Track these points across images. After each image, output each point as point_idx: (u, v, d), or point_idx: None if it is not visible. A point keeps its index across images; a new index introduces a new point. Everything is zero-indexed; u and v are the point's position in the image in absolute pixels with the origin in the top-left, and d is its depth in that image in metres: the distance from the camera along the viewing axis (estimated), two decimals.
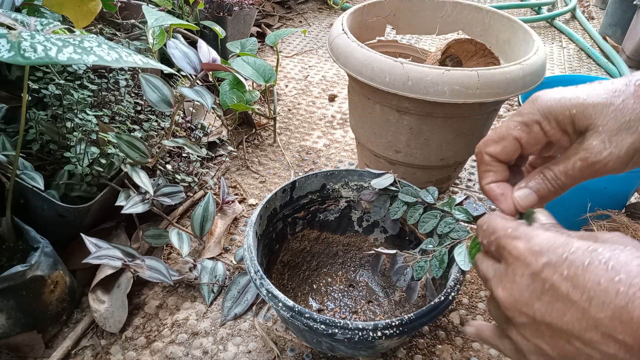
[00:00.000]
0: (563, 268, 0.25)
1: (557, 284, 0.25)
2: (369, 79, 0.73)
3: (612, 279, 0.24)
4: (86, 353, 0.65)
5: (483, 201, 0.97)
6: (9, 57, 0.42)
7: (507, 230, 0.30)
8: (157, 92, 0.69)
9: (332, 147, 1.12)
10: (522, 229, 0.29)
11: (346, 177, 0.74)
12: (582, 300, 0.24)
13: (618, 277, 0.24)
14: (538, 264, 0.27)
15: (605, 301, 0.24)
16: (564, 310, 0.25)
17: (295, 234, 0.77)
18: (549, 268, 0.26)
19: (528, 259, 0.27)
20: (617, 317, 0.23)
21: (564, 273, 0.25)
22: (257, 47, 1.13)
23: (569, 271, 0.25)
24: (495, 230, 0.31)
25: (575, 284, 0.25)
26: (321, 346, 0.60)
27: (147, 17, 0.76)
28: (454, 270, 0.58)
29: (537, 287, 0.27)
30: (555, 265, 0.26)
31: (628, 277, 0.23)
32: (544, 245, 0.27)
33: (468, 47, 0.90)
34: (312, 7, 2.03)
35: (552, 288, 0.26)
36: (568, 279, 0.25)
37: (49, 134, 0.74)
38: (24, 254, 0.65)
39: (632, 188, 0.79)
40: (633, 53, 1.56)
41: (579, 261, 0.25)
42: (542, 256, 0.27)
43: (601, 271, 0.24)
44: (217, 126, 1.08)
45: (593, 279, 0.24)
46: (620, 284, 0.23)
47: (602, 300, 0.24)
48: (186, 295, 0.74)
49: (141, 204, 0.71)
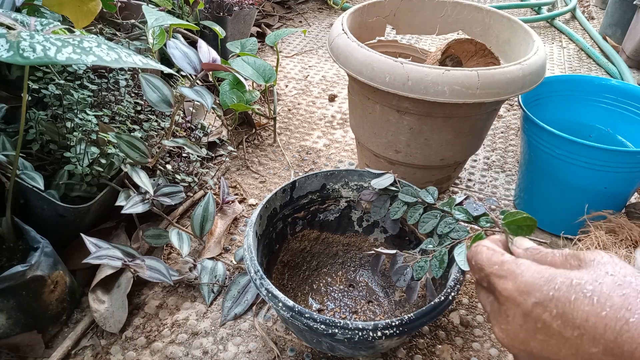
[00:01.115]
0: (552, 306, 0.26)
1: (549, 323, 0.26)
2: (369, 79, 0.73)
3: (599, 314, 0.24)
4: (86, 353, 0.65)
5: (483, 201, 0.97)
6: (8, 56, 0.42)
7: (493, 268, 0.30)
8: (157, 92, 0.69)
9: (332, 147, 1.12)
10: (507, 265, 0.30)
11: (346, 177, 0.74)
12: (574, 337, 0.25)
13: (604, 312, 0.24)
14: (527, 304, 0.27)
15: (595, 337, 0.24)
16: (559, 346, 0.26)
17: (295, 234, 0.77)
18: (538, 307, 0.27)
19: (517, 300, 0.28)
20: (609, 352, 0.24)
21: (553, 312, 0.26)
22: (257, 47, 1.13)
23: (557, 309, 0.26)
24: (482, 267, 0.31)
25: (565, 322, 0.25)
26: (321, 346, 0.60)
27: (147, 17, 0.76)
28: (454, 270, 0.58)
29: (530, 327, 0.27)
30: (544, 304, 0.26)
31: (613, 310, 0.24)
32: (529, 284, 0.27)
33: (468, 47, 0.90)
34: (312, 7, 2.03)
35: (544, 327, 0.26)
36: (558, 317, 0.26)
37: (49, 134, 0.74)
38: (24, 254, 0.65)
39: (632, 188, 0.79)
40: (633, 53, 1.56)
41: (564, 298, 0.26)
42: (530, 296, 0.27)
43: (587, 307, 0.25)
44: (217, 126, 1.08)
45: (581, 315, 0.25)
46: (607, 318, 0.24)
47: (592, 336, 0.24)
48: (186, 295, 0.74)
49: (141, 204, 0.71)
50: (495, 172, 1.06)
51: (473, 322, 0.72)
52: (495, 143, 1.17)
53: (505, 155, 1.12)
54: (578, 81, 0.92)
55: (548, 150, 0.78)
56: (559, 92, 0.93)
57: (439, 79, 0.69)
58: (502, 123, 1.25)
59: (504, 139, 1.19)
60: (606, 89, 0.90)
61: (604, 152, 0.72)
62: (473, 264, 0.32)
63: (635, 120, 0.88)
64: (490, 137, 1.19)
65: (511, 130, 1.22)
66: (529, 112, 0.80)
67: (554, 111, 0.93)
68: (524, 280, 0.28)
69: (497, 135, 1.20)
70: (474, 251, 0.33)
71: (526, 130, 0.83)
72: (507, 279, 0.29)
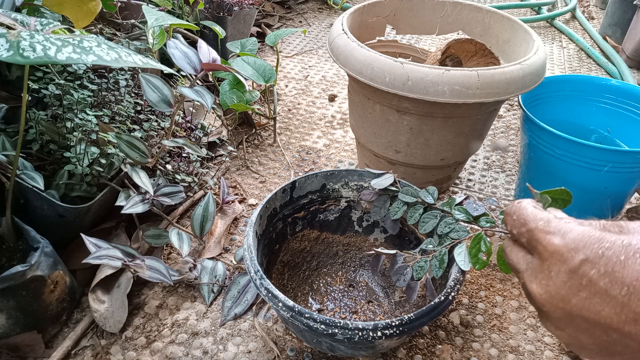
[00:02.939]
0: (600, 264, 0.26)
1: (595, 280, 0.26)
2: (369, 79, 0.73)
3: None
4: (86, 353, 0.65)
5: (483, 201, 0.97)
6: (8, 56, 0.42)
7: (538, 224, 0.30)
8: (157, 92, 0.69)
9: (332, 147, 1.12)
10: (555, 223, 0.29)
11: (346, 177, 0.74)
12: (621, 295, 0.25)
13: None
14: (575, 261, 0.27)
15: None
16: (602, 305, 0.26)
17: (295, 234, 0.77)
18: (586, 265, 0.26)
19: (565, 256, 0.27)
20: None
21: (602, 270, 0.26)
22: (257, 47, 1.13)
23: (607, 267, 0.26)
24: (526, 221, 0.31)
25: (613, 280, 0.25)
26: (321, 346, 0.60)
27: (147, 17, 0.76)
28: (454, 270, 0.58)
29: (574, 284, 0.27)
30: (593, 261, 0.26)
31: None
32: (579, 242, 0.27)
33: (468, 47, 0.90)
34: (312, 7, 2.03)
35: (590, 284, 0.26)
36: (606, 275, 0.26)
37: (49, 134, 0.74)
38: (24, 254, 0.65)
39: (631, 187, 0.79)
40: (633, 53, 1.56)
41: (615, 257, 0.26)
42: (579, 253, 0.27)
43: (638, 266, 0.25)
44: (217, 126, 1.08)
45: (631, 274, 0.25)
46: None
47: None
48: (186, 295, 0.74)
49: (141, 204, 0.71)
50: (495, 172, 1.06)
51: (473, 322, 0.72)
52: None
53: (505, 155, 1.12)
54: (578, 81, 0.92)
55: (548, 150, 0.78)
56: (559, 92, 0.93)
57: (439, 79, 0.69)
58: (502, 123, 1.25)
59: (504, 139, 1.19)
60: (606, 89, 0.90)
61: (604, 152, 0.72)
62: (515, 218, 0.32)
63: (635, 120, 0.88)
64: (490, 137, 1.19)
65: (511, 130, 1.22)
66: (529, 112, 0.80)
67: (554, 111, 0.93)
68: (573, 238, 0.27)
69: (497, 135, 1.20)
70: (517, 206, 0.32)
71: (526, 130, 0.83)
72: (554, 235, 0.28)
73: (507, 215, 0.33)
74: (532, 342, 0.70)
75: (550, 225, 0.29)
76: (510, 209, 0.33)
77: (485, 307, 0.75)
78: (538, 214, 0.30)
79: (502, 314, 0.74)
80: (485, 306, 0.75)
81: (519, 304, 0.75)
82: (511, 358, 0.67)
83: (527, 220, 0.31)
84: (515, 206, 0.32)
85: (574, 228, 0.28)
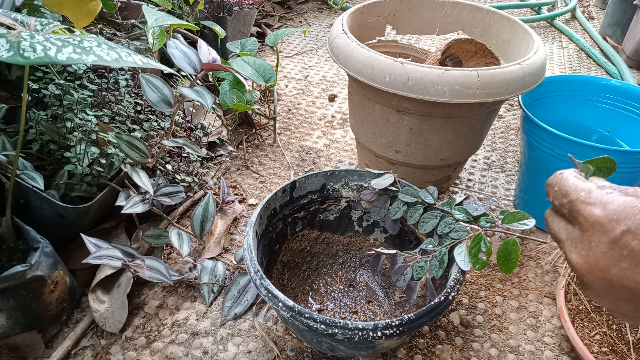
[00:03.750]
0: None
1: (637, 251, 0.26)
2: (369, 79, 0.73)
3: None
4: (86, 353, 0.65)
5: (483, 201, 0.97)
6: (8, 56, 0.42)
7: (579, 195, 0.30)
8: (157, 92, 0.69)
9: (332, 147, 1.12)
10: (596, 193, 0.29)
11: (346, 177, 0.74)
12: None
13: None
14: (616, 231, 0.27)
15: None
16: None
17: (295, 234, 0.77)
18: (627, 235, 0.26)
19: (606, 227, 0.27)
20: None
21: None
22: (257, 47, 1.13)
23: None
24: (567, 192, 0.31)
25: None
26: (321, 346, 0.60)
27: (147, 17, 0.76)
28: (454, 270, 0.58)
29: (615, 254, 0.27)
30: (635, 232, 0.26)
31: None
32: (620, 212, 0.27)
33: (468, 47, 0.90)
34: (312, 7, 2.03)
35: (631, 254, 0.26)
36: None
37: (49, 134, 0.74)
38: (24, 254, 0.65)
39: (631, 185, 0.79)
40: (633, 53, 1.56)
41: None
42: (620, 223, 0.27)
43: None
44: (217, 126, 1.08)
45: None
46: None
47: None
48: (186, 295, 0.74)
49: (141, 204, 0.71)
50: (495, 172, 1.06)
51: (473, 322, 0.72)
52: (495, 143, 1.17)
53: (505, 155, 1.12)
54: (578, 81, 0.92)
55: (548, 150, 0.78)
56: (559, 92, 0.93)
57: (439, 79, 0.69)
58: (502, 123, 1.25)
59: (504, 139, 1.19)
60: (606, 89, 0.90)
61: (603, 152, 0.72)
62: (556, 189, 0.32)
63: (635, 120, 0.88)
64: (490, 137, 1.19)
65: (511, 130, 1.22)
66: (529, 112, 0.80)
67: (554, 111, 0.93)
68: (614, 208, 0.27)
69: (497, 135, 1.20)
70: (559, 177, 0.32)
71: (526, 130, 0.83)
72: (595, 206, 0.28)
73: (549, 186, 0.33)
74: (532, 342, 0.70)
75: (592, 196, 0.29)
76: (551, 180, 0.33)
77: (485, 307, 0.75)
78: (579, 185, 0.30)
79: (502, 314, 0.74)
80: (485, 306, 0.75)
81: (519, 304, 0.75)
82: (511, 358, 0.67)
83: (569, 191, 0.30)
84: (557, 177, 0.32)
85: (615, 199, 0.28)
